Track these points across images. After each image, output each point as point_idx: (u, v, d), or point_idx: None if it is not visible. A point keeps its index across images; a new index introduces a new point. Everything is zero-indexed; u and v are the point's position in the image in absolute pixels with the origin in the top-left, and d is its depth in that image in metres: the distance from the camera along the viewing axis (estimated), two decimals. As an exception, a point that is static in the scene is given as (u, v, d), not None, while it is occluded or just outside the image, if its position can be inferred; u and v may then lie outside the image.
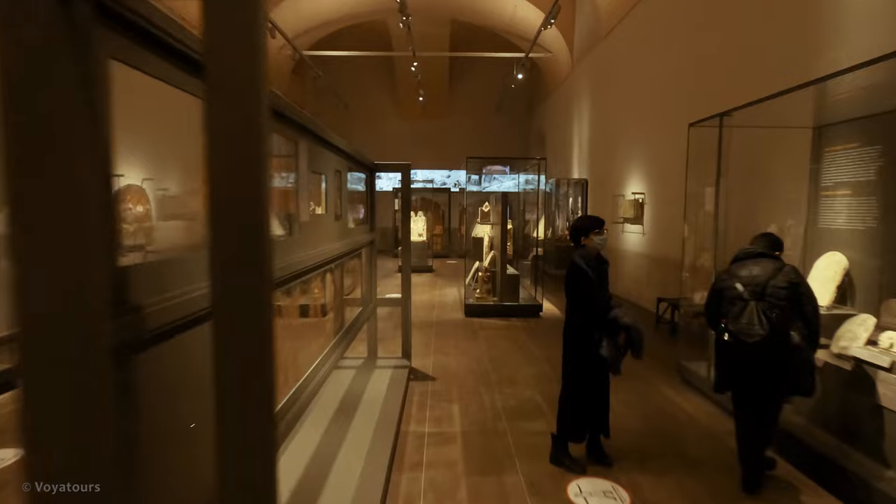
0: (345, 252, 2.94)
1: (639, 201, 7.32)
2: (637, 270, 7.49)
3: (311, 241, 2.19)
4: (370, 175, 4.07)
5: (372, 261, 4.20)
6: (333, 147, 2.69)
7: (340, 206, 2.92)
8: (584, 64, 10.46)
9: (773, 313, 2.41)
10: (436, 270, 11.18)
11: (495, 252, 6.95)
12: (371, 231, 4.07)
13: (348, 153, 3.04)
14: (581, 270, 2.65)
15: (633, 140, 7.75)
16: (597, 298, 2.65)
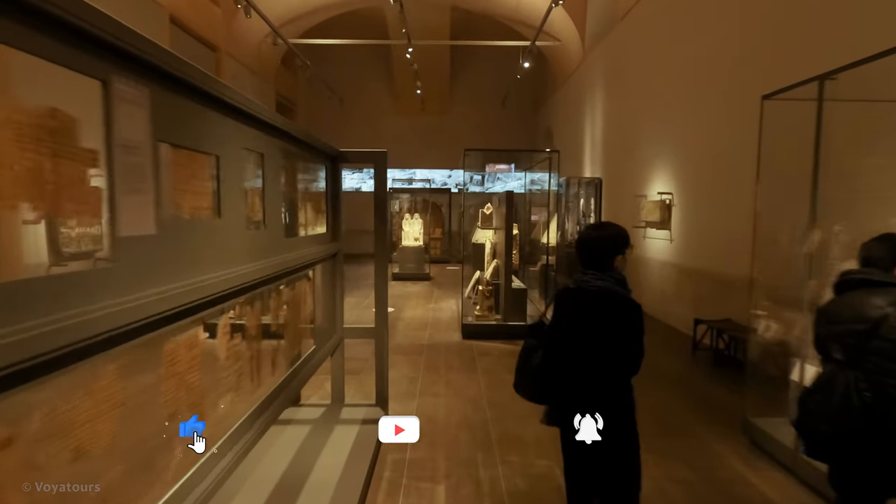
0: (274, 274, 1.96)
1: (665, 203, 6.30)
2: (662, 283, 6.46)
3: (165, 269, 1.20)
4: (332, 166, 3.08)
5: (335, 281, 3.21)
6: (247, 116, 1.71)
7: (264, 207, 1.94)
8: (597, 51, 9.45)
9: (871, 392, 1.49)
10: (433, 278, 10.18)
11: (498, 261, 5.95)
12: (333, 240, 3.08)
13: (284, 130, 2.06)
14: (639, 308, 1.71)
15: (658, 133, 6.73)
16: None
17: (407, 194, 13.01)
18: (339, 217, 3.22)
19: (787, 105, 2.92)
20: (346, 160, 3.16)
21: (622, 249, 1.75)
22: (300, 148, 2.44)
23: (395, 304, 7.46)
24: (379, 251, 3.36)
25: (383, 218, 3.22)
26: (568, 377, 1.74)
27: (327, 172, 3.01)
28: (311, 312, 2.82)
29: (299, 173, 2.55)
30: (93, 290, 0.94)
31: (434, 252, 13.20)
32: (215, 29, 9.29)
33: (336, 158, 3.11)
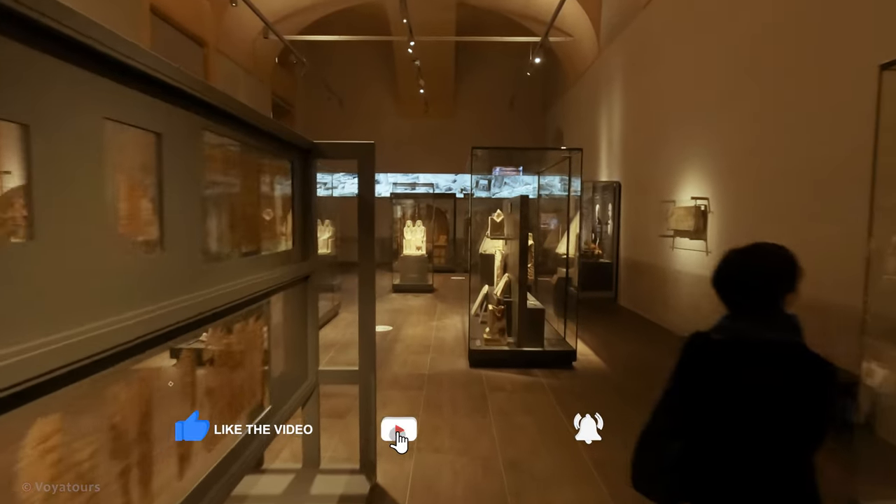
0: (177, 323, 1.23)
1: (700, 209, 5.54)
2: (697, 300, 5.69)
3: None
4: (303, 162, 2.36)
5: (306, 312, 2.48)
6: (118, 67, 0.99)
7: (162, 219, 1.21)
8: (615, 45, 8.74)
9: None
10: (436, 290, 9.44)
11: (510, 276, 5.21)
12: (303, 259, 2.35)
13: (211, 104, 1.34)
14: (835, 369, 1.12)
15: (691, 131, 5.98)
16: None
17: (409, 200, 12.30)
18: (313, 229, 2.50)
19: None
20: (324, 154, 2.44)
21: (795, 283, 1.15)
22: (248, 134, 1.72)
23: (394, 320, 6.73)
24: (366, 268, 2.62)
25: (370, 226, 2.49)
26: (727, 468, 1.13)
27: (294, 170, 2.28)
28: (265, 357, 2.10)
29: (246, 169, 1.83)
30: None
31: (438, 261, 12.47)
32: (203, 22, 8.66)
33: (309, 152, 2.39)
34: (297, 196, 2.33)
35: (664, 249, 6.54)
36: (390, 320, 6.75)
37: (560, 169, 6.34)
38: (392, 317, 6.98)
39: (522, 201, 4.64)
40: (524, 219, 4.63)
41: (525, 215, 4.63)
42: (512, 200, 5.30)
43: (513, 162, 7.88)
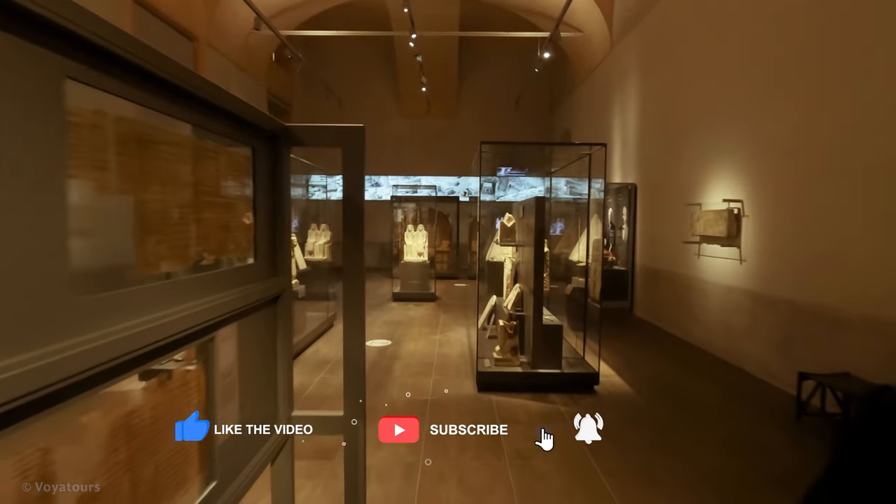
0: (76, 375, 0.68)
1: (733, 213, 4.99)
2: (728, 314, 5.13)
3: None
4: (271, 149, 1.82)
5: (276, 341, 1.93)
6: None
7: (52, 220, 0.67)
8: (630, 38, 8.22)
9: None
10: (439, 298, 8.89)
11: (523, 287, 4.66)
12: (272, 275, 1.81)
13: (114, 53, 0.81)
14: None
15: (720, 127, 5.44)
16: None
17: (411, 203, 11.78)
18: (285, 236, 1.96)
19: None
20: (299, 140, 1.90)
21: None
22: (171, 100, 1.18)
23: (393, 333, 6.18)
24: (353, 284, 2.07)
25: (358, 231, 1.95)
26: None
27: (257, 160, 1.74)
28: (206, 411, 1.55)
29: (172, 153, 1.29)
30: None
31: (440, 267, 11.93)
32: (192, 15, 8.17)
33: (277, 138, 1.85)
34: (262, 194, 1.78)
35: (688, 257, 5.99)
36: (389, 333, 6.20)
37: (572, 170, 5.81)
38: (391, 329, 6.44)
39: (538, 203, 4.10)
40: (540, 223, 4.09)
41: (541, 219, 4.09)
42: (524, 203, 4.77)
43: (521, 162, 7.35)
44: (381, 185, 14.43)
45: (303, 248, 7.20)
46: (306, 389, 4.11)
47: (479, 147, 4.11)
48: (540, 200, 4.12)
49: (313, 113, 13.93)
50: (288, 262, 1.98)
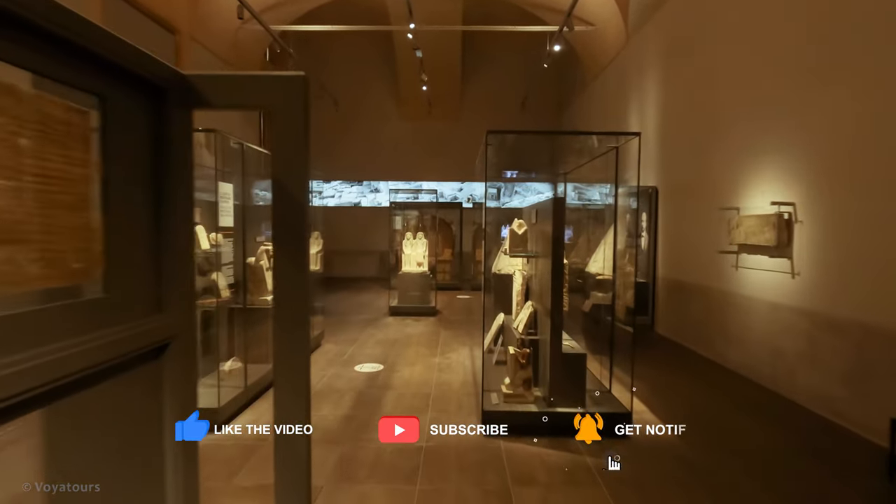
0: None
1: (783, 218, 4.25)
2: (777, 337, 4.38)
3: None
4: (149, 108, 1.11)
5: (161, 419, 1.20)
6: None
7: None
8: (647, 30, 7.54)
9: None
10: (440, 313, 8.15)
11: (536, 305, 3.93)
12: (152, 312, 1.09)
13: None
14: None
15: (764, 120, 4.72)
16: None
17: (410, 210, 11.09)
18: (183, 248, 1.25)
19: None
20: (203, 99, 1.20)
21: None
22: None
23: (387, 355, 5.44)
24: (289, 317, 1.34)
25: (296, 245, 1.24)
26: None
27: (140, 124, 1.04)
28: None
29: None
30: None
31: (442, 277, 11.21)
32: (173, 5, 7.54)
33: (164, 91, 1.15)
34: (135, 177, 1.07)
35: (723, 269, 5.24)
36: (382, 355, 5.46)
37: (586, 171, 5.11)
38: (385, 350, 5.70)
39: (556, 206, 3.39)
40: (559, 230, 3.37)
41: (560, 225, 3.36)
42: (538, 206, 4.05)
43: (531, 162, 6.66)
44: (380, 192, 13.77)
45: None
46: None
47: (485, 138, 3.41)
48: (558, 202, 3.40)
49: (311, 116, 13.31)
50: (189, 289, 1.25)
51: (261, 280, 4.54)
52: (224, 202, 3.43)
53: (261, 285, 4.55)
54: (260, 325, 4.51)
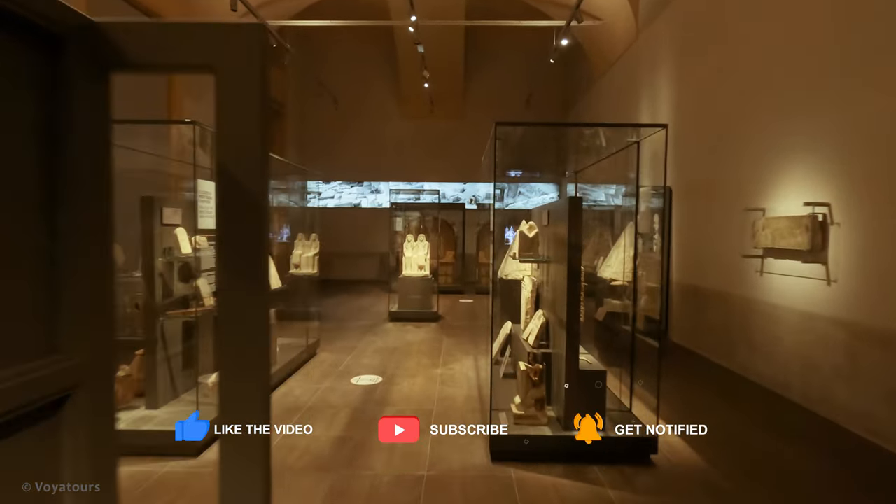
0: None
1: (817, 219, 3.91)
2: (810, 349, 4.02)
3: None
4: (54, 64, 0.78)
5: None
6: None
7: None
8: (659, 23, 7.20)
9: None
10: (443, 318, 7.81)
11: (548, 315, 3.59)
12: (53, 352, 0.75)
13: None
14: None
15: (792, 118, 4.37)
16: None
17: (411, 211, 10.77)
18: (101, 261, 0.91)
19: None
20: (124, 58, 0.87)
21: None
22: None
23: (386, 366, 5.10)
24: (240, 333, 1.00)
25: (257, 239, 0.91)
26: None
27: (23, 88, 0.71)
28: None
29: None
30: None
31: (444, 280, 10.88)
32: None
33: (62, 42, 0.82)
34: (15, 164, 0.74)
35: (746, 274, 4.89)
36: (380, 366, 5.12)
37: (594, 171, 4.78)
38: (383, 360, 5.36)
39: (572, 206, 3.04)
40: (575, 233, 3.03)
41: (577, 227, 3.02)
42: (551, 206, 3.71)
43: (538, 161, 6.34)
44: (381, 193, 13.44)
45: (287, 261, 6.15)
46: (260, 457, 3.04)
47: (494, 131, 3.07)
48: (575, 202, 3.06)
49: (308, 115, 13.01)
50: (103, 321, 0.92)
51: (249, 286, 4.20)
52: (204, 201, 3.10)
53: (249, 292, 4.21)
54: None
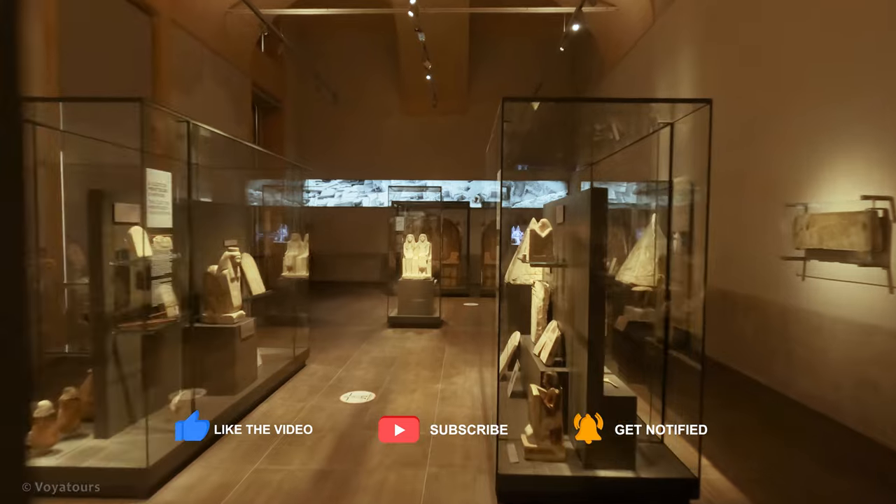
0: None
1: (877, 216, 3.36)
2: (866, 367, 3.47)
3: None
4: None
5: None
6: None
7: None
8: (679, 5, 6.65)
9: None
10: (445, 324, 7.31)
11: (562, 326, 3.08)
12: None
13: None
14: None
15: (841, 102, 3.82)
16: None
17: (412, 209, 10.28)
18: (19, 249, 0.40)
19: None
20: None
21: None
22: None
23: (381, 380, 4.60)
24: None
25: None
26: None
27: None
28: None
29: None
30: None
31: (448, 282, 10.38)
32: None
33: None
34: None
35: (785, 278, 4.35)
36: (375, 380, 4.62)
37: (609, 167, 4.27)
38: (379, 372, 4.86)
39: (596, 199, 2.53)
40: (598, 231, 2.51)
41: (601, 226, 2.51)
42: (569, 200, 3.20)
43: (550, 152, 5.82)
44: (382, 191, 12.96)
45: (278, 263, 5.67)
46: (222, 500, 2.55)
47: (501, 108, 2.56)
48: (599, 194, 2.55)
49: (307, 111, 12.56)
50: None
51: (224, 293, 3.72)
52: (156, 195, 2.61)
53: (224, 299, 3.73)
54: (224, 349, 3.69)
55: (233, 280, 3.76)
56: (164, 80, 7.17)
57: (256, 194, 8.35)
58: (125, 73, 6.66)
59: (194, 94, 7.98)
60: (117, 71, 6.49)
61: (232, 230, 4.46)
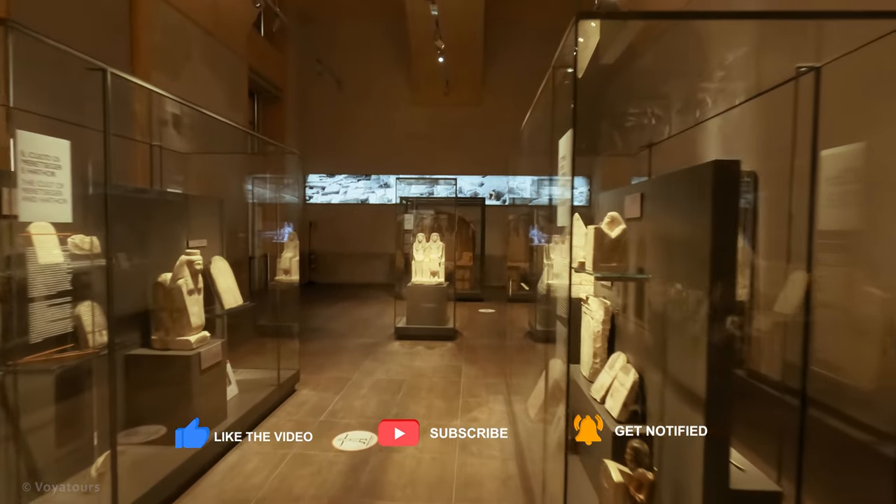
0: None
1: None
2: None
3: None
4: None
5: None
6: None
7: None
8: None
9: None
10: (461, 335, 6.39)
11: (640, 365, 2.15)
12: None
13: None
14: None
15: None
16: None
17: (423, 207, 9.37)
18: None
19: None
20: None
21: None
22: None
23: (386, 410, 3.70)
24: None
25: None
26: None
27: None
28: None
29: None
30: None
31: (461, 285, 9.47)
32: (124, -53, 5.95)
33: None
34: None
35: None
36: (377, 412, 3.72)
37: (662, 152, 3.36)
38: (382, 404, 3.95)
39: (719, 175, 1.60)
40: (728, 229, 1.58)
41: (731, 218, 1.58)
42: (655, 185, 2.28)
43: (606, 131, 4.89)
44: (391, 187, 12.07)
45: (275, 265, 4.78)
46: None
47: (574, 24, 1.65)
48: (725, 169, 1.61)
49: (311, 100, 11.70)
50: None
51: (179, 309, 2.84)
52: (38, 172, 1.71)
53: (179, 317, 2.85)
54: (176, 383, 2.81)
55: (191, 292, 2.87)
56: (142, 58, 6.34)
57: (243, 185, 7.45)
58: (97, 48, 5.84)
59: (182, 76, 7.16)
60: (86, 44, 5.67)
61: (203, 229, 3.60)
